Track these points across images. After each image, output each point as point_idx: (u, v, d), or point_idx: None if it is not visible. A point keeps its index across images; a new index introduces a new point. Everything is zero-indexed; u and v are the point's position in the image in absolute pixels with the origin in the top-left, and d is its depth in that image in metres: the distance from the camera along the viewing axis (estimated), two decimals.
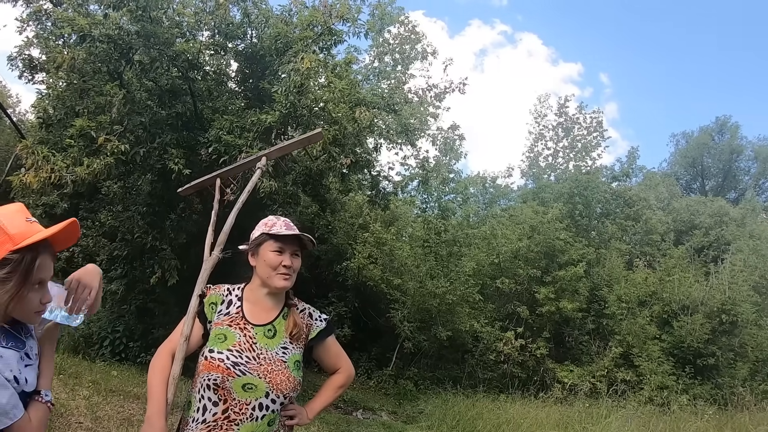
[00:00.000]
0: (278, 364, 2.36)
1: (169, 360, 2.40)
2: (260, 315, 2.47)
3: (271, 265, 2.44)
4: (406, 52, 22.30)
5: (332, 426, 8.94)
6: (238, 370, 2.28)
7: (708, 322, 14.87)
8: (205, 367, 2.30)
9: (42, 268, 1.76)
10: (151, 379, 2.34)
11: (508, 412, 10.59)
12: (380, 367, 14.58)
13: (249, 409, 2.27)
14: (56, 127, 9.67)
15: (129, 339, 10.34)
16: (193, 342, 2.44)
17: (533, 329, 15.29)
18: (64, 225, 1.80)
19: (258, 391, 2.29)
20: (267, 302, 2.50)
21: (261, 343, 2.38)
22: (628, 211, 21.15)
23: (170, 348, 2.43)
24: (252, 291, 2.52)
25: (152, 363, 2.41)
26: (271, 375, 2.32)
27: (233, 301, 2.49)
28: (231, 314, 2.45)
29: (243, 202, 3.09)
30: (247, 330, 2.40)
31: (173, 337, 2.46)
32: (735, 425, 10.81)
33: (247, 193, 3.14)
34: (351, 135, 10.04)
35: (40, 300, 1.78)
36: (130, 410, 6.94)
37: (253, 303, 2.49)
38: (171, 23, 9.46)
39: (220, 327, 2.40)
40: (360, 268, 14.86)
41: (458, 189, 20.96)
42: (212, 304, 2.49)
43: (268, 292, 2.49)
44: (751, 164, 40.77)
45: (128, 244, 10.55)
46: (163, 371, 2.36)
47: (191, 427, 2.29)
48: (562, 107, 26.75)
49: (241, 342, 2.35)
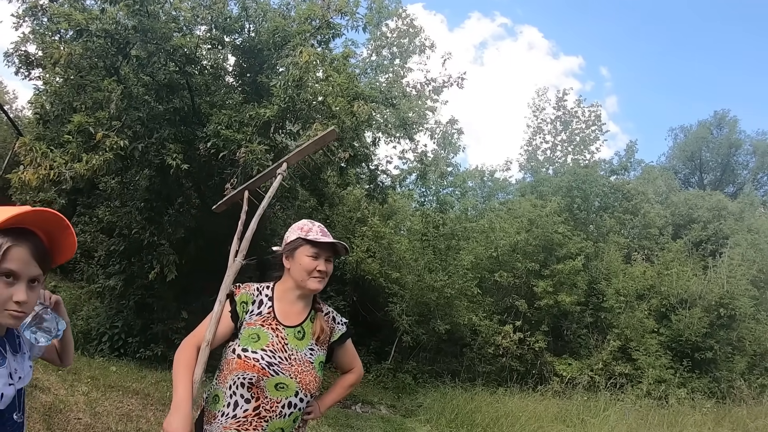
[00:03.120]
0: (307, 365, 2.49)
1: (194, 354, 2.44)
2: (290, 316, 2.57)
3: (307, 269, 2.52)
4: (404, 46, 22.24)
5: (331, 420, 8.96)
6: (272, 370, 2.39)
7: (706, 315, 14.90)
8: (239, 366, 2.38)
9: (12, 258, 1.60)
10: (178, 370, 2.38)
11: (506, 406, 10.62)
12: (379, 361, 14.60)
13: (279, 407, 2.40)
14: (53, 124, 9.65)
15: (128, 334, 10.34)
16: (219, 339, 2.49)
17: (531, 323, 15.32)
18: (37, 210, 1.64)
19: (289, 390, 2.41)
20: (298, 304, 2.60)
21: (292, 344, 2.50)
22: (626, 204, 21.14)
23: (195, 342, 2.48)
24: (284, 291, 2.61)
25: (178, 356, 2.45)
26: (301, 375, 2.45)
27: (264, 301, 2.57)
28: (263, 314, 2.53)
29: (264, 208, 3.14)
30: (278, 331, 2.50)
31: (198, 332, 2.51)
32: (732, 418, 10.87)
33: (269, 199, 3.18)
34: (349, 129, 10.01)
35: (12, 298, 1.60)
36: (129, 406, 6.94)
37: (284, 303, 2.59)
38: (168, 18, 9.41)
39: (253, 327, 2.49)
40: (358, 262, 14.86)
41: (456, 183, 20.97)
42: (243, 303, 2.55)
43: (300, 294, 2.59)
44: (749, 158, 40.75)
45: (126, 240, 10.55)
46: (189, 365, 2.41)
47: (220, 421, 2.38)
48: (560, 101, 26.75)
49: (273, 342, 2.46)
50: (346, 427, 8.92)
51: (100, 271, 11.15)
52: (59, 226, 1.71)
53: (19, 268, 1.61)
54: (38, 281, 1.69)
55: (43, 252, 1.69)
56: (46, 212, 1.66)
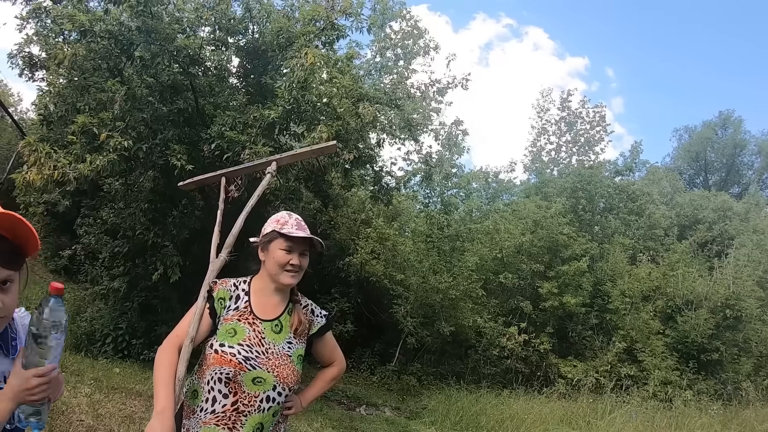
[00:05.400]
0: (284, 358, 2.47)
1: (175, 355, 2.43)
2: (267, 310, 2.54)
3: (280, 262, 2.51)
4: (408, 48, 22.26)
5: (335, 422, 8.93)
6: (249, 364, 2.37)
7: (712, 317, 14.84)
8: (216, 361, 2.38)
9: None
10: (160, 373, 2.36)
11: (511, 408, 10.57)
12: (383, 363, 14.57)
13: (257, 402, 2.38)
14: (57, 125, 9.63)
15: (132, 336, 10.31)
16: (199, 336, 2.48)
17: (536, 324, 15.26)
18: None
19: (266, 385, 2.39)
20: (274, 297, 2.58)
21: (269, 338, 2.47)
22: (631, 205, 21.07)
23: (176, 342, 2.46)
24: (260, 285, 2.60)
25: (159, 356, 2.43)
26: (279, 369, 2.43)
27: (240, 296, 2.56)
28: (239, 309, 2.52)
29: (252, 206, 3.09)
30: (255, 325, 2.47)
31: (179, 332, 2.49)
32: (740, 421, 10.79)
33: (257, 197, 3.13)
34: (354, 130, 10.00)
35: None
36: (132, 407, 6.92)
37: (260, 297, 2.57)
38: (171, 19, 9.40)
39: (230, 322, 2.48)
40: (363, 264, 14.83)
41: (461, 184, 20.97)
42: (221, 299, 2.54)
43: (276, 288, 2.56)
44: (754, 159, 40.73)
45: (130, 241, 10.52)
46: (171, 367, 2.39)
47: (199, 416, 2.38)
48: (564, 102, 26.75)
49: (250, 337, 2.44)
50: (351, 430, 8.89)
51: (104, 272, 11.13)
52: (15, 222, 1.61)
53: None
54: (10, 281, 1.63)
55: (7, 251, 1.62)
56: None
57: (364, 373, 14.21)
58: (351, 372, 13.55)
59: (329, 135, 8.56)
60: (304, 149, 3.71)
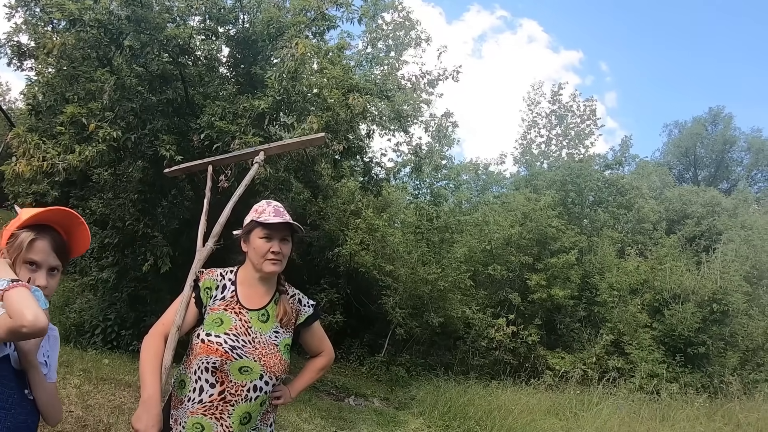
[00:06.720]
0: (271, 347, 2.48)
1: (162, 344, 2.45)
2: (254, 299, 2.56)
3: (261, 251, 2.52)
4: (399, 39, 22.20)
5: (324, 412, 8.96)
6: (235, 353, 2.38)
7: (699, 311, 14.97)
8: (202, 350, 2.38)
9: (35, 250, 1.95)
10: (146, 362, 2.38)
11: (499, 399, 10.62)
12: (372, 354, 14.61)
13: (244, 391, 2.39)
14: (46, 115, 9.57)
15: (121, 327, 10.28)
16: (186, 326, 2.49)
17: (525, 316, 15.34)
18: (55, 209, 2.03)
19: (253, 374, 2.40)
20: (260, 287, 2.59)
21: (255, 327, 2.48)
22: (620, 199, 21.18)
23: (162, 331, 2.48)
24: (245, 275, 2.60)
25: (145, 345, 2.45)
26: (265, 358, 2.44)
27: (227, 286, 2.57)
28: (226, 299, 2.53)
29: (239, 196, 3.10)
30: (242, 314, 2.49)
31: (165, 320, 2.51)
32: (724, 413, 10.91)
33: (244, 187, 3.14)
34: (344, 121, 9.97)
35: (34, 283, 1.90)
36: (121, 398, 6.92)
37: (246, 287, 2.57)
38: (161, 8, 9.33)
39: (216, 312, 2.48)
40: (352, 255, 14.83)
41: (451, 176, 20.94)
42: (207, 288, 2.55)
43: (261, 277, 2.57)
44: (743, 155, 41.02)
45: (119, 232, 10.47)
46: (158, 356, 2.41)
47: (186, 406, 2.39)
48: (555, 95, 26.80)
49: (237, 326, 2.45)
50: (339, 420, 8.91)
51: (93, 263, 11.08)
52: (74, 222, 2.08)
53: (40, 258, 1.97)
54: (57, 270, 2.04)
55: (61, 244, 2.05)
56: (63, 210, 2.05)
57: (353, 364, 14.24)
58: (340, 363, 13.57)
59: (320, 126, 8.54)
60: (293, 140, 3.71)
